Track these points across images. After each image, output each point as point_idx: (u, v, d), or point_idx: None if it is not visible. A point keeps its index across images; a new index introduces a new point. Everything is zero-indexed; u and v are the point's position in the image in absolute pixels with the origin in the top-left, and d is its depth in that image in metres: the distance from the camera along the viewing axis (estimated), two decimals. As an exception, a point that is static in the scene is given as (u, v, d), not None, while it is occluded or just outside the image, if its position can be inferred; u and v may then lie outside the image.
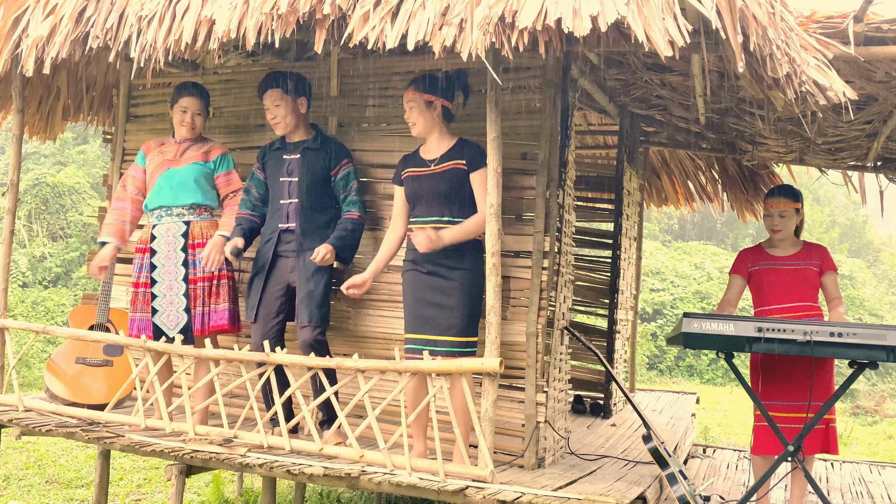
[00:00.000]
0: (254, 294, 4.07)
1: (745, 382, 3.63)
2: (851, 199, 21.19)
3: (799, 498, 3.94)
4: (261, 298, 4.04)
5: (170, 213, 4.22)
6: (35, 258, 13.26)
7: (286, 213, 4.06)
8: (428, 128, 3.74)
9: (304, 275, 3.97)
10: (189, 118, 4.24)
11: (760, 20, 2.86)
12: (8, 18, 3.95)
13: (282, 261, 4.06)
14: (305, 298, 3.94)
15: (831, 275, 4.03)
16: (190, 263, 4.14)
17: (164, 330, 4.13)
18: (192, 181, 4.21)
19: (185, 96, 4.25)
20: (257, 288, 4.06)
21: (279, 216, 4.08)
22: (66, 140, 15.55)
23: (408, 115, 3.76)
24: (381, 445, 3.43)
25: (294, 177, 4.07)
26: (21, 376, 8.86)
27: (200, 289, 4.13)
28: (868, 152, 4.86)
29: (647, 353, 14.80)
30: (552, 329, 3.96)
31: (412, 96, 3.72)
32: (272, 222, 4.12)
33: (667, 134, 6.11)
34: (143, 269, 4.22)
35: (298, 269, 4.00)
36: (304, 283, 3.96)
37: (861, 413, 12.05)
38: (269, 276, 4.05)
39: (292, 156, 4.10)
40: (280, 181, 4.10)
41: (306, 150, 4.10)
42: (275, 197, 4.14)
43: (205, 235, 4.19)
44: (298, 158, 4.08)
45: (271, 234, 4.09)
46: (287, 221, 4.06)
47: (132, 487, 5.82)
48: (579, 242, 6.16)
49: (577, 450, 4.39)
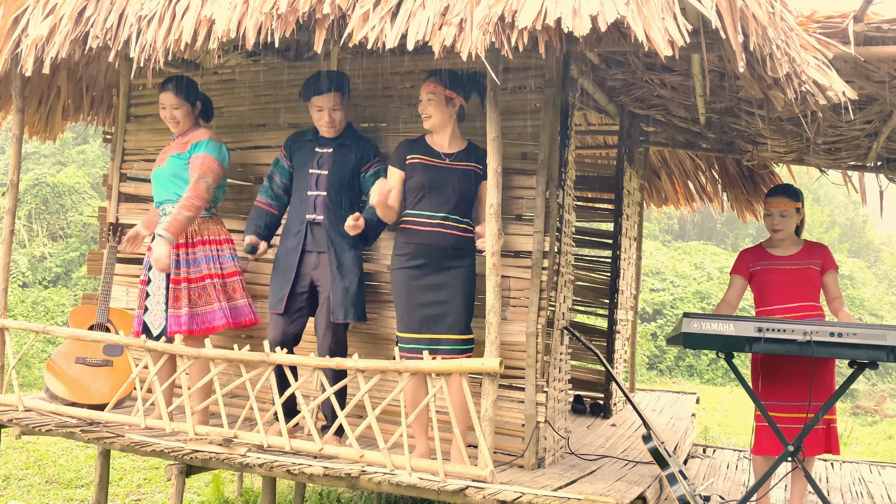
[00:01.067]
0: (282, 286, 3.99)
1: (745, 382, 3.63)
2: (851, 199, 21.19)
3: (799, 498, 3.94)
4: (290, 291, 3.97)
5: (164, 213, 4.22)
6: (35, 258, 13.26)
7: (313, 204, 4.02)
8: (443, 123, 3.72)
9: (337, 272, 3.92)
10: (168, 114, 4.22)
11: (760, 20, 2.86)
12: (8, 18, 3.95)
13: (307, 256, 4.01)
14: (342, 295, 3.90)
15: (832, 274, 4.02)
16: (173, 263, 4.08)
17: (151, 329, 4.15)
18: (171, 176, 4.17)
19: (161, 92, 4.23)
20: (286, 280, 3.98)
21: (306, 207, 4.03)
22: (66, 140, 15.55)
23: (423, 106, 3.71)
24: (381, 445, 3.43)
25: (324, 170, 4.03)
26: (21, 376, 8.86)
27: (184, 289, 4.07)
28: (868, 152, 4.86)
29: (647, 353, 14.80)
30: (552, 329, 3.96)
31: (434, 89, 3.68)
32: (299, 213, 4.05)
33: (667, 134, 6.11)
34: (144, 267, 4.26)
35: (331, 264, 3.94)
36: (340, 280, 3.92)
37: (861, 413, 12.05)
38: (299, 270, 3.99)
39: (325, 149, 4.07)
40: (309, 172, 4.05)
41: (340, 145, 4.07)
42: (301, 187, 4.08)
43: (189, 235, 4.12)
44: (331, 152, 4.05)
45: (300, 227, 4.02)
46: (314, 213, 4.01)
47: (132, 487, 5.81)
48: (579, 242, 6.16)
49: (577, 450, 4.39)
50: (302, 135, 4.19)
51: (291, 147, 4.19)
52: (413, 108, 4.22)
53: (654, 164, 7.12)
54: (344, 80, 4.08)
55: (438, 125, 3.72)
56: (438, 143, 3.76)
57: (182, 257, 4.10)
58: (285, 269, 4.02)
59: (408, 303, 3.68)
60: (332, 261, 3.95)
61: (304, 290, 4.00)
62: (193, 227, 4.15)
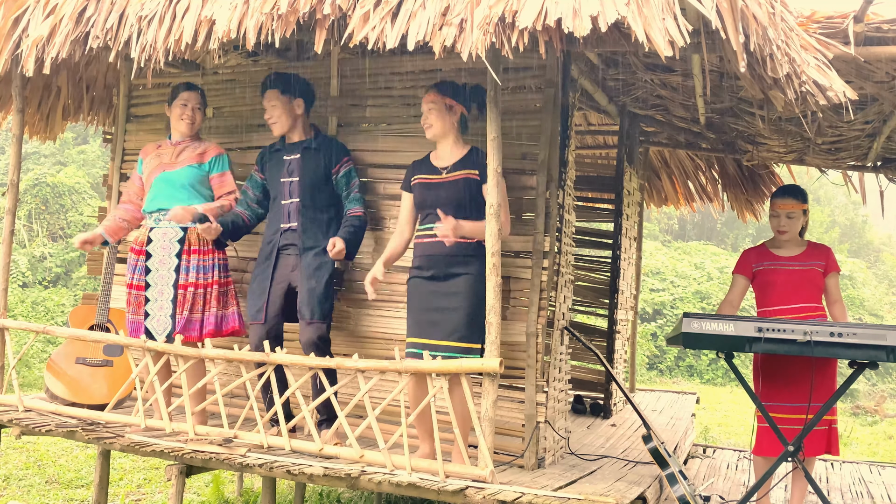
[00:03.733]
0: (260, 294, 4.06)
1: (745, 382, 3.63)
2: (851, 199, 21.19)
3: (799, 498, 3.94)
4: (268, 298, 4.02)
5: (157, 223, 4.20)
6: (35, 258, 13.25)
7: (287, 212, 4.07)
8: (444, 132, 3.73)
9: (307, 272, 3.97)
10: (189, 112, 4.24)
11: (760, 20, 2.86)
12: (8, 18, 3.95)
13: (283, 259, 4.07)
14: (307, 295, 3.95)
15: (835, 276, 4.02)
16: (182, 269, 4.11)
17: (154, 334, 4.12)
18: (187, 185, 4.19)
19: (183, 91, 4.28)
20: (263, 289, 4.05)
21: (280, 216, 4.09)
22: (66, 140, 15.55)
23: (425, 117, 3.74)
24: (381, 445, 3.43)
25: (294, 177, 4.08)
26: (21, 376, 8.86)
27: (190, 295, 4.08)
28: (868, 152, 4.86)
29: (647, 353, 14.79)
30: (552, 329, 3.96)
31: (434, 98, 3.71)
32: (273, 223, 4.12)
33: (667, 134, 6.11)
34: (137, 270, 4.19)
35: (300, 266, 4.00)
36: (306, 281, 3.96)
37: (861, 413, 12.05)
38: (273, 277, 4.05)
39: (292, 156, 4.11)
40: (281, 182, 4.11)
41: (306, 149, 4.10)
42: (276, 198, 4.14)
43: (202, 243, 4.15)
44: (298, 158, 4.09)
45: (273, 235, 4.10)
46: (289, 221, 4.07)
47: (132, 487, 5.81)
48: (579, 242, 6.16)
49: (577, 450, 4.39)
50: (271, 147, 4.25)
51: (262, 160, 4.26)
52: (413, 108, 4.23)
53: (654, 164, 7.12)
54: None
55: (440, 134, 3.73)
56: (438, 157, 3.78)
57: (195, 263, 4.11)
58: (261, 280, 4.08)
59: (411, 309, 3.72)
60: (302, 264, 4.00)
61: (280, 294, 4.04)
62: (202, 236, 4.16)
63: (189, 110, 4.25)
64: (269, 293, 4.04)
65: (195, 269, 4.11)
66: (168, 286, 4.13)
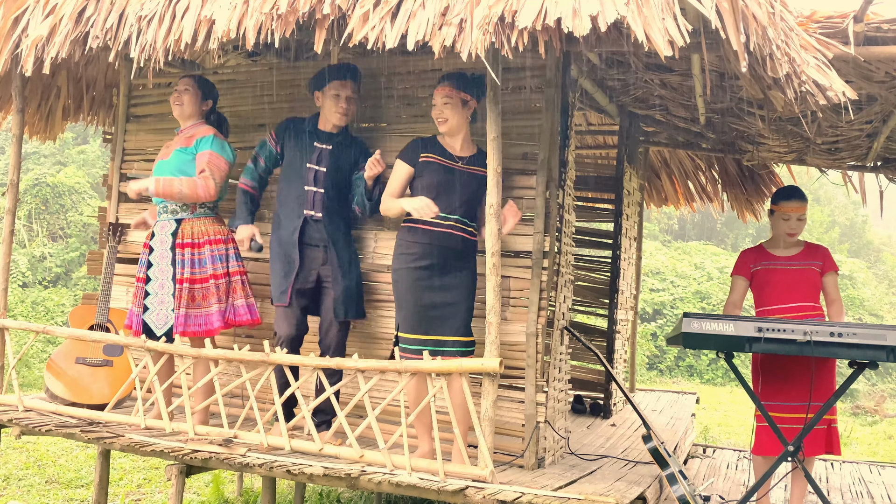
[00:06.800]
0: (284, 278, 3.98)
1: (745, 382, 3.63)
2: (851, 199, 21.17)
3: (799, 498, 3.94)
4: (294, 283, 3.96)
5: (165, 210, 4.18)
6: (35, 258, 13.25)
7: (311, 200, 4.02)
8: (458, 126, 3.72)
9: (339, 270, 3.97)
10: (178, 96, 4.21)
11: (760, 20, 2.86)
12: (8, 18, 3.95)
13: (310, 250, 4.01)
14: (343, 294, 3.95)
15: (832, 276, 4.03)
16: (177, 262, 4.08)
17: (153, 328, 4.13)
18: (174, 170, 4.12)
19: (182, 78, 4.27)
20: (287, 272, 3.98)
21: (303, 202, 4.01)
22: (66, 140, 15.54)
23: (439, 111, 3.69)
24: (381, 445, 3.43)
25: (322, 166, 4.04)
26: (21, 376, 8.86)
27: (186, 290, 4.04)
28: (868, 152, 4.86)
29: (647, 353, 14.79)
30: (552, 329, 3.96)
31: (449, 92, 3.67)
32: (295, 207, 4.03)
33: (667, 134, 6.11)
34: (142, 264, 4.21)
35: (331, 262, 3.98)
36: (340, 279, 3.96)
37: (861, 413, 12.05)
38: (301, 264, 3.99)
39: (325, 146, 4.06)
40: (307, 167, 4.04)
41: (339, 144, 4.09)
42: (296, 180, 4.05)
43: (196, 235, 4.11)
44: (330, 150, 4.06)
45: (297, 220, 4.01)
46: (312, 209, 4.01)
47: (132, 487, 5.81)
48: (579, 242, 6.16)
49: (577, 450, 4.39)
50: (299, 123, 4.15)
51: (284, 134, 4.15)
52: (413, 108, 4.23)
53: (654, 164, 7.12)
54: (358, 73, 4.13)
55: (455, 128, 3.71)
56: (451, 146, 3.76)
57: (188, 257, 4.08)
58: (286, 261, 4.00)
59: (414, 303, 3.66)
60: (332, 259, 3.97)
61: (310, 286, 4.00)
62: (200, 227, 4.14)
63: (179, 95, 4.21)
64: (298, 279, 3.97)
65: (189, 262, 4.07)
66: (168, 280, 4.12)
